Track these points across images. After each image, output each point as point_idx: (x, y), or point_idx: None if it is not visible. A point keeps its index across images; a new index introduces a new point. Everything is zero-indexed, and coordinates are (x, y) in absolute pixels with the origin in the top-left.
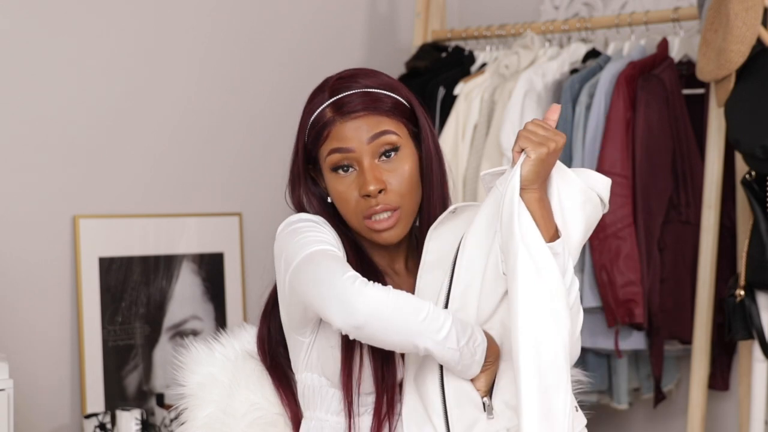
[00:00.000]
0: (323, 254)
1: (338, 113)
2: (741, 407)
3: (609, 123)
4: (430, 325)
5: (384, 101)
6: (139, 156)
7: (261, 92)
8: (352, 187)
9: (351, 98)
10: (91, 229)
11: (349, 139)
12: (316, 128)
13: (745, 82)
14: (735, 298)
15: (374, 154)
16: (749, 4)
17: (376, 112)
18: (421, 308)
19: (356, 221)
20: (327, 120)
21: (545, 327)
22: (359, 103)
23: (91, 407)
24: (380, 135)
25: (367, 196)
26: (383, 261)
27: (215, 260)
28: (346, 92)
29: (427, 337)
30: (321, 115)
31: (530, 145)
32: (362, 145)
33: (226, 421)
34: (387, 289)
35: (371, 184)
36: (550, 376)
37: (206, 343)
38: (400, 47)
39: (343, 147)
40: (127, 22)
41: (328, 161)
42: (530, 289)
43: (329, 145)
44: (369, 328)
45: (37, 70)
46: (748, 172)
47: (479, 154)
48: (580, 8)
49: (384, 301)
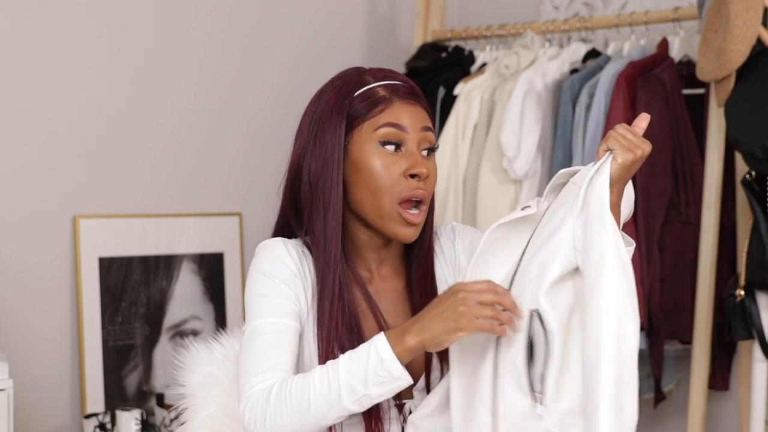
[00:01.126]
0: (260, 335)
1: (394, 94)
2: (741, 407)
3: (609, 123)
4: (323, 400)
5: (424, 99)
6: (139, 156)
7: (261, 92)
8: (398, 165)
9: (403, 87)
10: (91, 229)
11: (406, 120)
12: (368, 100)
13: (745, 82)
14: (735, 298)
15: (420, 145)
16: (749, 4)
17: (422, 107)
18: (306, 393)
19: (389, 202)
20: (382, 96)
21: (627, 323)
22: (412, 93)
23: (91, 407)
24: (429, 129)
25: (414, 176)
26: (374, 264)
27: (215, 260)
28: (394, 80)
29: (332, 411)
30: (373, 90)
31: (619, 148)
32: (416, 132)
33: (226, 421)
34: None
35: (423, 166)
36: (626, 372)
37: (206, 343)
38: (400, 47)
39: (402, 125)
40: (128, 23)
41: (379, 133)
42: (617, 285)
43: (385, 118)
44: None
45: (37, 70)
46: (748, 172)
47: (479, 154)
48: (580, 8)
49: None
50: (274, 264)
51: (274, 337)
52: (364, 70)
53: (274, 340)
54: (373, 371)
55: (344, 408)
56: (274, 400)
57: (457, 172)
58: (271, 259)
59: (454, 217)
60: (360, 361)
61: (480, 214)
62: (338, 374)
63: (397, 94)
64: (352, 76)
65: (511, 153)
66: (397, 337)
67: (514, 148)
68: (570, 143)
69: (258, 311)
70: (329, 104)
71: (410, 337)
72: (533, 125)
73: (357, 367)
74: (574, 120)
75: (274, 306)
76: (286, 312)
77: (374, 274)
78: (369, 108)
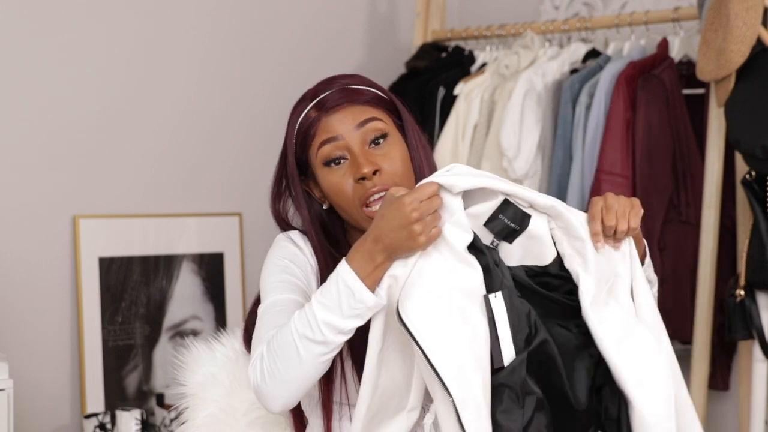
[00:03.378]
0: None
1: (321, 110)
2: (741, 407)
3: (609, 123)
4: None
5: (364, 93)
6: (139, 156)
7: (261, 92)
8: (346, 176)
9: (331, 95)
10: (91, 229)
11: (335, 129)
12: (302, 131)
13: (745, 82)
14: (735, 298)
15: (364, 141)
16: (749, 4)
17: (358, 102)
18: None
19: (356, 212)
20: (312, 120)
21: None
22: (340, 97)
23: (91, 407)
24: (367, 122)
25: (362, 179)
26: None
27: (215, 260)
28: (326, 92)
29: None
30: (305, 118)
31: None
32: (351, 133)
33: (226, 421)
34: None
35: (365, 166)
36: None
37: (207, 343)
38: (400, 47)
39: (332, 137)
40: (128, 23)
41: (319, 156)
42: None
43: (318, 139)
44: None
45: (36, 70)
46: (748, 172)
47: (479, 154)
48: (580, 8)
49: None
50: (287, 249)
51: (282, 309)
52: (308, 93)
53: (281, 312)
54: (347, 304)
55: (331, 342)
56: (267, 355)
57: None
58: (286, 245)
59: None
60: (331, 295)
61: None
62: (315, 313)
63: (323, 109)
64: (298, 104)
65: (511, 153)
66: (362, 264)
67: (514, 148)
68: (570, 143)
69: (270, 290)
70: (285, 140)
71: (377, 255)
72: (533, 125)
73: (330, 302)
74: (574, 120)
75: (285, 283)
76: (295, 289)
77: None
78: (304, 139)
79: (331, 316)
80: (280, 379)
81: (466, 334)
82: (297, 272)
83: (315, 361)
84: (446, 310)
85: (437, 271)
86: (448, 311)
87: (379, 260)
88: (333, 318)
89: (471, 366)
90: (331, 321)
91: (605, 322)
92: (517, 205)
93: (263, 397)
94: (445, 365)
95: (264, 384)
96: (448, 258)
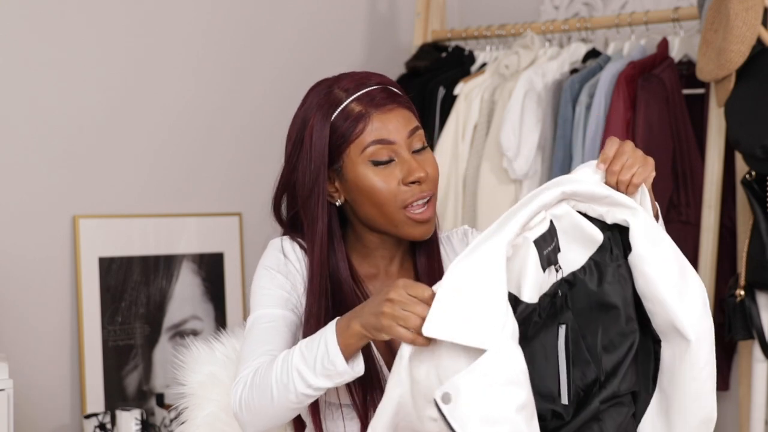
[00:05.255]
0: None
1: (370, 106)
2: (741, 407)
3: (609, 123)
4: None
5: (403, 97)
6: (139, 156)
7: (261, 92)
8: (393, 175)
9: (376, 92)
10: (91, 229)
11: (390, 131)
12: (347, 122)
13: (745, 82)
14: (735, 298)
15: (410, 147)
16: (749, 4)
17: (402, 106)
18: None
19: (394, 212)
20: (358, 113)
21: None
22: (386, 96)
23: (91, 407)
24: (415, 130)
25: (414, 183)
26: (383, 262)
27: (215, 260)
28: (367, 87)
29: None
30: (349, 108)
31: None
32: (403, 138)
33: (226, 421)
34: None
35: (420, 170)
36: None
37: (207, 343)
38: (400, 47)
39: (387, 139)
40: (126, 22)
41: (367, 153)
42: None
43: (368, 137)
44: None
45: (36, 70)
46: (748, 172)
47: (479, 155)
48: (580, 8)
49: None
50: (277, 259)
51: (269, 326)
52: (332, 82)
53: (269, 329)
54: (321, 363)
55: (300, 394)
56: (249, 386)
57: (457, 173)
58: (275, 254)
59: (454, 217)
60: (312, 349)
61: (480, 215)
62: (294, 360)
63: (372, 104)
64: (323, 95)
65: (511, 153)
66: (345, 324)
67: (514, 148)
68: (570, 143)
69: (259, 303)
70: (309, 134)
71: (354, 323)
72: (533, 125)
73: (309, 355)
74: (574, 120)
75: (273, 297)
76: (283, 303)
77: (381, 270)
78: (350, 130)
79: (305, 369)
80: (254, 413)
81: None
82: (285, 284)
83: (285, 406)
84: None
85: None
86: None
87: (355, 328)
88: (306, 371)
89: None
90: (304, 373)
91: (660, 262)
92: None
93: (240, 423)
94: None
95: (241, 413)
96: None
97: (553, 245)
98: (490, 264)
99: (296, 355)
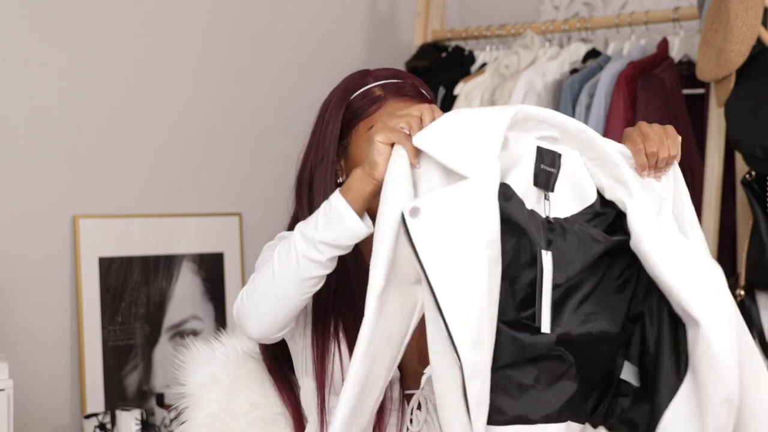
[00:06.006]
0: (268, 262)
1: (390, 92)
2: None
3: (609, 123)
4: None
5: (428, 99)
6: (139, 156)
7: (261, 92)
8: None
9: (404, 84)
10: (91, 229)
11: None
12: (363, 101)
13: (745, 82)
14: (735, 298)
15: None
16: (749, 4)
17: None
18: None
19: None
20: (377, 96)
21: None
22: (411, 89)
23: (91, 407)
24: None
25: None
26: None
27: (215, 260)
28: (397, 79)
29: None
30: (370, 91)
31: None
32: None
33: (226, 420)
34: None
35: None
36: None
37: (207, 343)
38: (400, 47)
39: None
40: (126, 22)
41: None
42: None
43: (378, 117)
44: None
45: (36, 70)
46: (748, 172)
47: None
48: (580, 8)
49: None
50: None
51: (274, 244)
52: (369, 72)
53: (274, 246)
54: (323, 216)
55: (302, 257)
56: (249, 281)
57: None
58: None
59: None
60: (314, 215)
61: None
62: (294, 233)
63: (393, 92)
64: (355, 78)
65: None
66: (350, 188)
67: None
68: None
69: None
70: (330, 108)
71: (353, 173)
72: None
73: (310, 218)
74: None
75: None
76: None
77: None
78: (364, 108)
79: (307, 227)
80: (255, 299)
81: (483, 290)
82: None
83: (287, 279)
84: (474, 261)
85: (470, 213)
86: (476, 263)
87: (354, 174)
88: (308, 229)
89: (487, 330)
90: (305, 231)
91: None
92: (548, 148)
93: (241, 319)
94: (461, 332)
95: (242, 305)
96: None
97: (554, 172)
98: (492, 117)
99: (296, 229)
